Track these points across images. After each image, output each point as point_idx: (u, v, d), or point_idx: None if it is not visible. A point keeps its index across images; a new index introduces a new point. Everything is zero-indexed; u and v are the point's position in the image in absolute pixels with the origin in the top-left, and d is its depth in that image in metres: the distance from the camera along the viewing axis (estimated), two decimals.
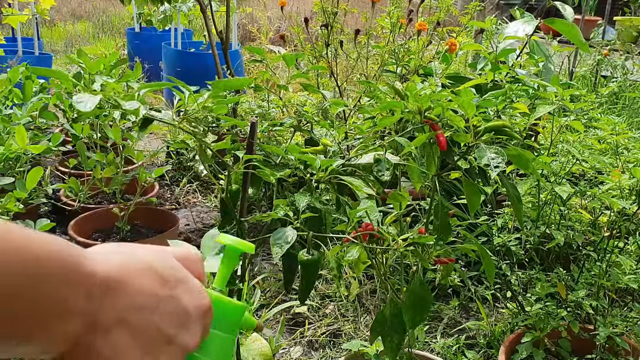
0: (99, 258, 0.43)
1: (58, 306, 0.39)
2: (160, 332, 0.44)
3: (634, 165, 1.70)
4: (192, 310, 0.47)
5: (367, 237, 1.08)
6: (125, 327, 0.43)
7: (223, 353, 0.53)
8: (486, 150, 0.93)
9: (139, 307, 0.43)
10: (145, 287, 0.44)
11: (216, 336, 0.52)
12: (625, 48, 4.80)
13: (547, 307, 1.56)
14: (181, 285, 0.47)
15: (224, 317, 0.52)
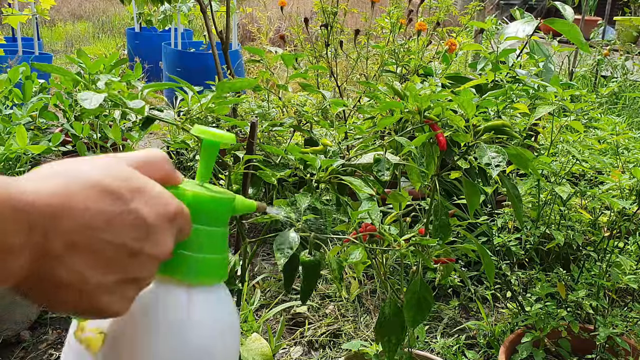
0: (34, 186, 0.40)
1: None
2: (120, 247, 0.42)
3: (634, 166, 1.70)
4: (154, 219, 0.44)
5: (367, 238, 1.09)
6: (78, 250, 0.41)
7: (215, 246, 0.52)
8: (487, 150, 0.93)
9: (87, 228, 0.41)
10: (93, 207, 0.41)
11: (202, 231, 0.50)
12: (625, 48, 4.80)
13: (547, 307, 1.56)
14: (138, 195, 0.44)
15: (206, 212, 0.50)
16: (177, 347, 0.49)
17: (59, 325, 2.05)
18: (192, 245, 0.50)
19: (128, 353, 0.49)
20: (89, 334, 0.51)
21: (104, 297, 0.43)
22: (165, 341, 0.49)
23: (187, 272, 0.50)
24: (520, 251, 1.63)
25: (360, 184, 0.94)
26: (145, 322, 0.49)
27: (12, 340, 1.95)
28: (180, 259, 0.49)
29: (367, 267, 1.18)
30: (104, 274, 0.42)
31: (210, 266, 0.51)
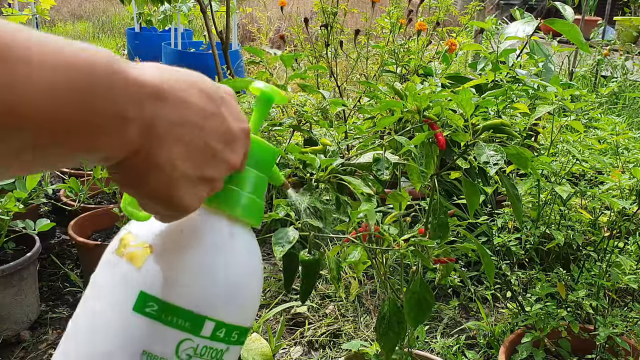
0: (138, 72, 0.42)
1: (114, 115, 0.39)
2: (207, 145, 0.46)
3: (634, 165, 1.70)
4: (235, 130, 0.48)
5: (367, 237, 1.08)
6: (175, 139, 0.43)
7: (258, 190, 0.55)
8: (485, 148, 0.93)
9: (187, 121, 0.44)
10: (193, 103, 0.45)
11: (251, 173, 0.55)
12: (625, 48, 4.80)
13: (547, 307, 1.56)
14: (225, 105, 0.48)
15: (257, 156, 0.54)
16: (214, 273, 0.52)
17: (58, 326, 2.05)
18: (242, 182, 0.54)
19: (170, 267, 0.51)
20: (133, 249, 0.53)
21: (185, 190, 0.45)
22: (204, 264, 0.52)
23: (233, 206, 0.54)
24: (520, 251, 1.63)
25: (360, 184, 0.94)
26: (190, 241, 0.52)
27: (12, 340, 1.95)
28: (230, 193, 0.53)
29: (367, 267, 1.18)
30: (190, 167, 0.45)
31: (253, 207, 0.55)
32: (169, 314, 0.51)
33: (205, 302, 0.52)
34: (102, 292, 0.54)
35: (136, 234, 0.54)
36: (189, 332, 0.51)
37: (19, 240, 2.03)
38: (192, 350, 0.52)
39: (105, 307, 0.53)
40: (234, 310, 0.54)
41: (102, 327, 0.52)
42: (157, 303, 0.50)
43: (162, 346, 0.51)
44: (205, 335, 0.52)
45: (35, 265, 2.04)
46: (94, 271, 0.56)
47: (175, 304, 0.51)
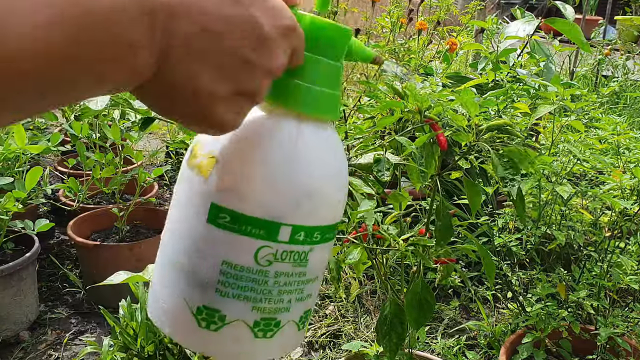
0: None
1: (124, 41, 0.37)
2: (236, 55, 0.41)
3: (635, 165, 1.69)
4: (269, 29, 0.43)
5: (367, 238, 1.08)
6: (197, 53, 0.40)
7: (329, 80, 0.51)
8: (498, 160, 0.93)
9: (205, 31, 0.40)
10: (211, 10, 0.40)
11: (317, 61, 0.50)
12: (626, 47, 4.80)
13: (548, 307, 1.55)
14: (257, 4, 0.42)
15: (323, 40, 0.50)
16: (283, 177, 0.50)
17: (58, 326, 2.05)
18: (305, 74, 0.49)
19: (236, 176, 0.50)
20: (200, 160, 0.52)
21: (219, 108, 0.42)
22: (271, 169, 0.50)
23: (298, 101, 0.50)
24: (521, 251, 1.62)
25: (360, 184, 0.94)
26: (255, 147, 0.50)
27: (11, 341, 1.94)
28: (293, 87, 0.50)
29: (368, 267, 1.18)
30: (218, 81, 0.41)
31: (321, 100, 0.51)
32: (241, 223, 0.50)
33: (277, 208, 0.50)
34: (181, 204, 0.54)
35: (204, 143, 0.53)
36: (265, 239, 0.50)
37: (18, 240, 2.03)
38: (272, 256, 0.51)
39: (184, 219, 0.53)
40: (310, 213, 0.52)
41: (182, 238, 0.53)
42: (229, 214, 0.50)
43: (241, 255, 0.51)
44: (283, 240, 0.51)
45: (35, 265, 2.03)
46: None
47: (247, 213, 0.50)
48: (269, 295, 0.52)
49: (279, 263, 0.52)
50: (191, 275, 0.52)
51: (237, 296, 0.51)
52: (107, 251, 2.11)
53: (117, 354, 1.56)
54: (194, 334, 0.53)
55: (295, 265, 0.53)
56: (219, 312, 0.52)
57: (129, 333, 1.57)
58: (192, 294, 0.52)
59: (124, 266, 1.36)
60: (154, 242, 2.16)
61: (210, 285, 0.51)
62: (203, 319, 0.52)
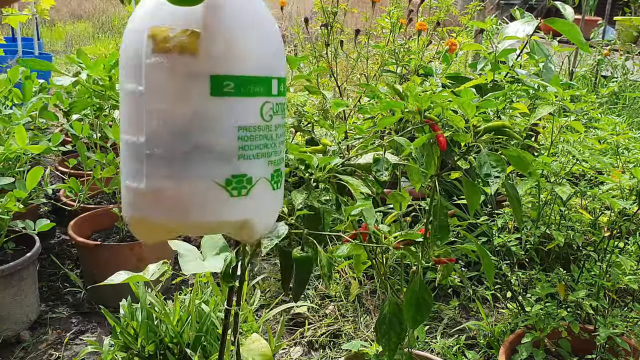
0: None
1: None
2: None
3: (634, 166, 1.70)
4: None
5: (367, 237, 1.08)
6: None
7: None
8: (487, 157, 0.93)
9: None
10: None
11: None
12: (625, 48, 4.80)
13: (547, 307, 1.55)
14: None
15: None
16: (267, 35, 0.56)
17: (58, 326, 2.05)
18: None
19: (231, 42, 0.52)
20: (176, 40, 0.52)
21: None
22: (258, 30, 0.55)
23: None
24: (520, 251, 1.63)
25: (358, 184, 0.94)
26: (232, 10, 0.53)
27: (12, 340, 1.94)
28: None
29: (367, 267, 1.18)
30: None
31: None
32: (247, 85, 0.53)
33: (269, 62, 0.55)
34: (164, 93, 0.53)
35: (168, 25, 0.53)
36: (265, 95, 0.55)
37: (19, 240, 2.03)
38: (271, 109, 0.56)
39: (176, 106, 0.53)
40: (282, 63, 0.58)
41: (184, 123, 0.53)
42: (233, 80, 0.53)
43: (251, 116, 0.55)
44: (275, 93, 0.57)
45: (35, 265, 2.04)
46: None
47: (248, 74, 0.53)
48: (275, 147, 0.58)
49: (276, 116, 0.57)
50: (210, 153, 0.54)
51: (256, 155, 0.56)
52: (108, 251, 2.12)
53: (118, 353, 1.56)
54: (228, 207, 0.55)
55: (283, 116, 0.59)
56: (245, 176, 0.55)
57: (130, 333, 1.57)
58: (217, 169, 0.54)
59: (124, 266, 1.36)
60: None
61: (232, 154, 0.54)
62: (234, 188, 0.55)
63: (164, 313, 1.57)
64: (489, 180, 0.91)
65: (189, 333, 1.58)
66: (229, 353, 1.46)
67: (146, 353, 1.55)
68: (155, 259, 1.46)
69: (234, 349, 1.28)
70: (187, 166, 0.54)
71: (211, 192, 0.54)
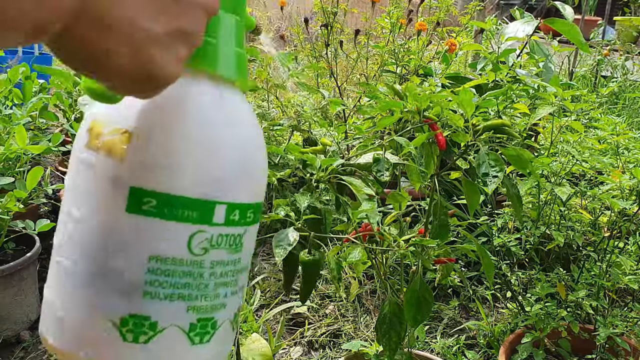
0: None
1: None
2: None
3: (634, 166, 1.70)
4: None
5: (367, 237, 1.08)
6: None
7: (239, 39, 0.46)
8: (486, 157, 0.93)
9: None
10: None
11: (227, 17, 0.45)
12: (625, 48, 4.80)
13: (547, 307, 1.55)
14: None
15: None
16: (212, 148, 0.44)
17: None
18: (219, 31, 0.45)
19: (159, 151, 0.43)
20: (107, 138, 0.44)
21: (156, 51, 0.36)
22: (199, 140, 0.44)
23: (217, 63, 0.45)
24: (520, 251, 1.63)
25: (360, 184, 0.94)
26: (176, 117, 0.44)
27: (12, 341, 1.94)
28: (209, 48, 0.44)
29: (367, 267, 1.18)
30: (155, 20, 0.36)
31: (239, 62, 0.46)
32: (171, 207, 0.43)
33: (211, 183, 0.44)
34: (83, 195, 0.45)
35: (107, 120, 0.45)
36: (199, 222, 0.44)
37: (19, 240, 2.03)
38: (207, 242, 0.45)
39: (92, 213, 0.44)
40: (245, 185, 0.47)
41: (92, 236, 0.44)
42: (155, 197, 0.43)
43: (172, 245, 0.44)
44: (219, 222, 0.45)
45: (35, 265, 2.04)
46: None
47: (177, 193, 0.43)
48: (205, 290, 0.46)
49: (215, 250, 0.45)
50: (109, 280, 0.43)
51: (169, 296, 0.44)
52: None
53: None
54: (118, 352, 0.44)
55: (231, 252, 0.47)
56: (148, 320, 0.44)
57: None
58: (113, 302, 0.44)
59: None
60: None
61: (136, 287, 0.43)
62: (129, 331, 0.44)
63: None
64: (487, 180, 0.91)
65: None
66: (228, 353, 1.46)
67: None
68: None
69: (234, 349, 1.28)
70: (85, 289, 0.44)
71: (103, 329, 0.44)
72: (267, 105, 1.44)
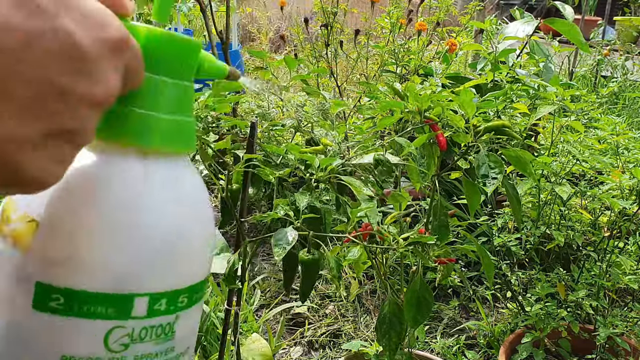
0: None
1: None
2: (42, 84, 0.30)
3: (634, 166, 1.70)
4: (89, 45, 0.32)
5: (367, 237, 1.09)
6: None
7: (177, 104, 0.41)
8: (485, 158, 0.93)
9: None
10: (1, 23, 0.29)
11: (160, 83, 0.39)
12: (625, 48, 4.81)
13: (547, 307, 1.56)
14: (66, 10, 0.31)
15: (165, 56, 0.39)
16: (130, 235, 0.39)
17: None
18: (146, 99, 0.39)
19: (67, 242, 0.38)
20: (13, 226, 0.39)
21: (26, 156, 0.31)
22: (114, 227, 0.38)
23: (140, 134, 0.39)
24: (520, 251, 1.63)
25: (360, 185, 0.94)
26: (88, 199, 0.38)
27: None
28: (131, 118, 0.39)
29: (367, 267, 1.18)
30: (21, 121, 0.30)
31: (170, 129, 0.40)
32: (82, 303, 0.38)
33: (128, 275, 0.38)
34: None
35: (17, 203, 0.40)
36: (116, 318, 0.39)
37: None
38: (127, 337, 0.39)
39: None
40: (172, 273, 0.41)
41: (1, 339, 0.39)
42: (63, 294, 0.38)
43: (85, 344, 0.38)
44: (140, 315, 0.39)
45: None
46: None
47: (88, 289, 0.38)
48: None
49: (138, 344, 0.40)
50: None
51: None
52: None
53: None
54: None
55: (160, 342, 0.41)
56: None
57: None
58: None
59: None
60: None
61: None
62: None
63: None
64: (486, 181, 0.91)
65: None
66: (229, 353, 1.46)
67: None
68: None
69: (234, 349, 1.29)
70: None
71: None
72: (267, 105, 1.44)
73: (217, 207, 3.04)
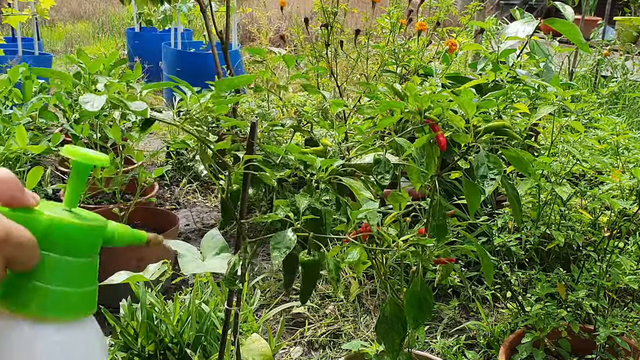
0: None
1: None
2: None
3: (634, 166, 1.70)
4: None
5: (367, 238, 1.08)
6: None
7: (76, 277, 0.46)
8: (485, 159, 0.93)
9: None
10: None
11: (59, 261, 0.45)
12: (625, 48, 4.80)
13: (547, 307, 1.56)
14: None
15: (66, 240, 0.45)
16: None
17: None
18: (44, 274, 0.44)
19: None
20: None
21: None
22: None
23: (32, 305, 0.44)
24: (520, 251, 1.63)
25: (360, 186, 0.94)
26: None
27: None
28: (25, 289, 0.44)
29: (367, 267, 1.18)
30: None
31: (65, 300, 0.45)
32: None
33: None
34: None
35: None
36: None
37: None
38: None
39: None
40: None
41: None
42: None
43: None
44: None
45: None
46: None
47: None
48: None
49: None
50: None
51: None
52: (108, 251, 2.11)
53: (118, 353, 1.56)
54: None
55: None
56: None
57: (130, 332, 1.57)
58: None
59: (124, 266, 1.36)
60: None
61: None
62: None
63: (164, 313, 1.57)
64: (484, 182, 0.91)
65: (189, 333, 1.58)
66: (229, 353, 1.46)
67: (146, 353, 1.55)
68: (155, 259, 1.46)
69: (234, 349, 1.28)
70: None
71: None
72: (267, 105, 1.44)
73: (217, 208, 3.04)
